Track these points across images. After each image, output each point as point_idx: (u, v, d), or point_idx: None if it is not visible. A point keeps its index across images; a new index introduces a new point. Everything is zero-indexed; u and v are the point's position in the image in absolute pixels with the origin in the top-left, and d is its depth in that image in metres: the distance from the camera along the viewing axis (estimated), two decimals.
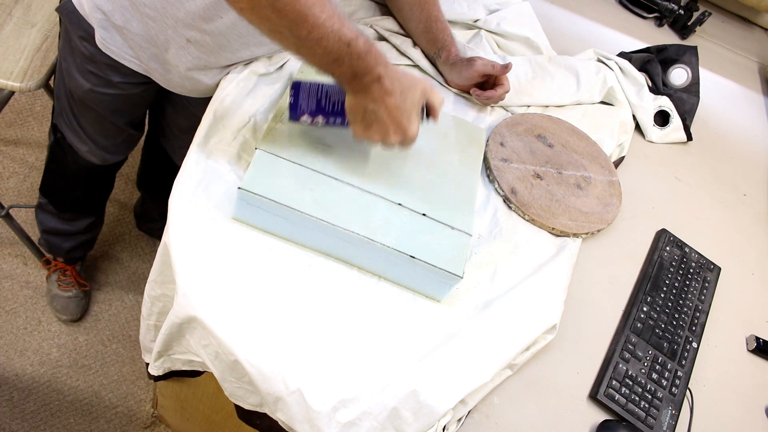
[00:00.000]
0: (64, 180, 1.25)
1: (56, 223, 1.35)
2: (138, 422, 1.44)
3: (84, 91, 0.97)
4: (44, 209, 1.34)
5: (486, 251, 0.84)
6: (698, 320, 0.93)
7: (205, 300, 0.66)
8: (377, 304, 0.73)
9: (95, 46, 0.88)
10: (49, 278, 1.52)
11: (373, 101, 0.69)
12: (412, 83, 0.70)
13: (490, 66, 0.98)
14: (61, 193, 1.29)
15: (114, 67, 0.92)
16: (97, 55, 0.90)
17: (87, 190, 1.29)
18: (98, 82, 0.95)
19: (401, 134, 0.71)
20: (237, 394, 0.71)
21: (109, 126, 1.06)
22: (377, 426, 0.65)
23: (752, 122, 1.42)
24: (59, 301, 1.50)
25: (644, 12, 1.55)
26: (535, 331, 0.77)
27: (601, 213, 0.95)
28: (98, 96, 0.97)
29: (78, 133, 1.07)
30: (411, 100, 0.70)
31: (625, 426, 0.76)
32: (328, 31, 0.63)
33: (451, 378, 0.68)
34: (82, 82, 0.95)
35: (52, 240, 1.40)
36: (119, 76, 0.93)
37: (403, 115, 0.70)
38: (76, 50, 0.92)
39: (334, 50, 0.65)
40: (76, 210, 1.34)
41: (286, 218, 0.71)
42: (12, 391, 1.39)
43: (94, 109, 1.01)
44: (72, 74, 0.96)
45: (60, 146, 1.13)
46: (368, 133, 0.72)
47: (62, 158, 1.17)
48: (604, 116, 1.13)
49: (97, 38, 0.87)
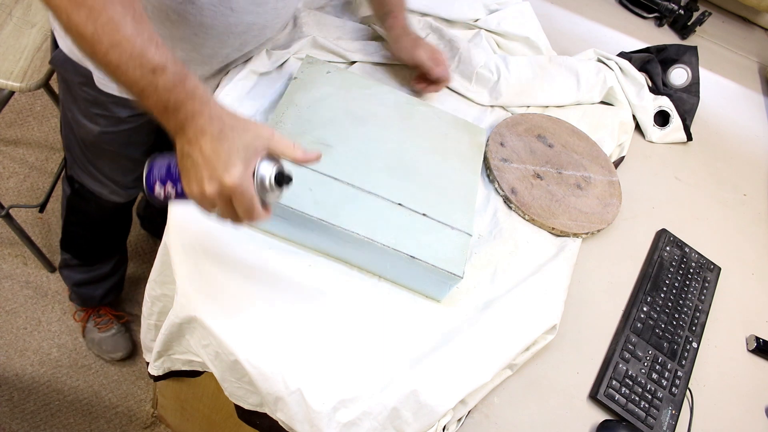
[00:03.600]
0: (88, 228, 1.24)
1: (84, 274, 1.34)
2: (138, 422, 1.44)
3: (95, 135, 0.95)
4: (69, 264, 1.33)
5: (486, 251, 0.84)
6: (698, 320, 0.93)
7: (205, 300, 0.66)
8: (377, 304, 0.73)
9: (96, 88, 0.87)
10: (85, 329, 1.49)
11: (188, 143, 0.56)
12: (242, 125, 0.57)
13: (428, 66, 0.94)
14: (86, 244, 1.28)
15: (119, 103, 0.90)
16: (100, 96, 0.88)
17: (111, 232, 1.29)
18: (107, 122, 0.93)
19: (216, 182, 0.55)
20: (237, 394, 0.71)
21: (126, 162, 1.04)
22: (377, 426, 0.65)
23: (752, 122, 1.42)
24: (107, 343, 1.47)
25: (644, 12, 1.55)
26: (535, 331, 0.77)
27: (601, 213, 0.95)
28: (110, 136, 0.96)
29: (97, 177, 1.06)
30: (233, 142, 0.56)
31: (625, 426, 0.76)
32: (127, 53, 0.53)
33: (451, 378, 0.68)
34: (92, 127, 0.94)
35: (83, 292, 1.40)
36: (126, 110, 0.92)
37: (219, 159, 0.55)
38: (79, 97, 0.91)
39: (138, 77, 0.54)
40: (102, 256, 1.33)
41: (286, 218, 0.71)
42: (12, 391, 1.39)
43: (109, 149, 1.00)
44: (79, 121, 0.95)
45: (80, 196, 1.12)
46: (188, 184, 0.57)
47: (84, 207, 1.16)
48: (604, 116, 1.13)
49: (95, 79, 0.86)
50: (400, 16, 0.97)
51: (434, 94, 1.03)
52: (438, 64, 0.96)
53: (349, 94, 0.87)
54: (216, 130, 0.56)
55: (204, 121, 0.56)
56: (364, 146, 0.81)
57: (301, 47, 0.95)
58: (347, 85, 0.88)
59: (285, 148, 0.59)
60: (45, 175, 1.73)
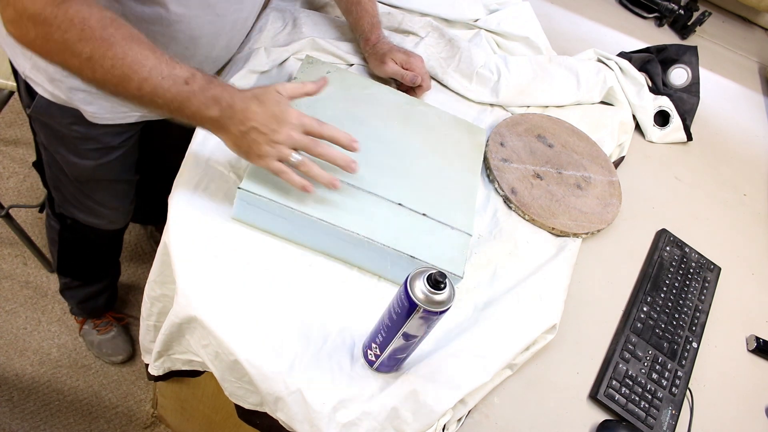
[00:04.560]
0: (84, 257, 1.24)
1: (85, 292, 1.36)
2: (138, 422, 1.44)
3: (90, 170, 0.95)
4: (69, 287, 1.35)
5: (486, 251, 0.84)
6: (698, 320, 0.93)
7: (205, 300, 0.66)
8: (377, 304, 0.73)
9: (87, 123, 0.86)
10: (82, 330, 1.49)
11: (241, 121, 0.65)
12: (262, 90, 0.67)
13: (400, 74, 0.95)
14: (84, 267, 1.29)
15: (110, 132, 0.90)
16: (92, 130, 0.88)
17: (107, 254, 1.30)
18: (100, 154, 0.93)
19: (286, 125, 0.65)
20: (237, 393, 0.71)
21: (123, 186, 1.05)
22: (377, 426, 0.65)
23: (752, 122, 1.42)
24: (107, 345, 1.48)
25: (644, 12, 1.55)
26: (535, 331, 0.77)
27: (601, 213, 0.95)
28: (106, 167, 0.96)
29: (94, 209, 1.05)
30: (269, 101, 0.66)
31: (625, 426, 0.76)
32: (158, 78, 0.61)
33: (450, 378, 0.68)
34: (86, 163, 0.94)
35: (87, 306, 1.41)
36: (118, 137, 0.92)
37: (274, 113, 0.65)
38: (68, 138, 0.90)
39: (175, 93, 0.62)
40: (101, 273, 1.35)
41: (286, 218, 0.71)
42: (12, 391, 1.39)
43: (105, 179, 0.99)
44: (71, 161, 0.94)
45: (74, 230, 1.12)
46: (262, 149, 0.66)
47: (79, 238, 1.16)
48: (604, 116, 1.13)
49: (87, 116, 0.85)
50: (372, 38, 0.97)
51: (434, 94, 1.03)
52: (410, 69, 0.95)
53: (349, 94, 0.87)
54: (253, 100, 0.65)
55: (242, 98, 0.65)
56: (364, 146, 0.81)
57: (300, 47, 0.95)
58: (347, 85, 0.88)
59: (295, 90, 0.69)
60: None
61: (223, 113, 0.64)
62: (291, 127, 0.66)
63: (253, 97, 0.65)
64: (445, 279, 0.57)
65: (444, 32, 1.08)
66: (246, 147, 0.66)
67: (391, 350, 0.63)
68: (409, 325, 0.59)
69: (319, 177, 0.68)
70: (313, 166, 0.68)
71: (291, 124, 0.66)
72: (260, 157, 0.66)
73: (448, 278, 0.57)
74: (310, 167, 0.68)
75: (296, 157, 0.67)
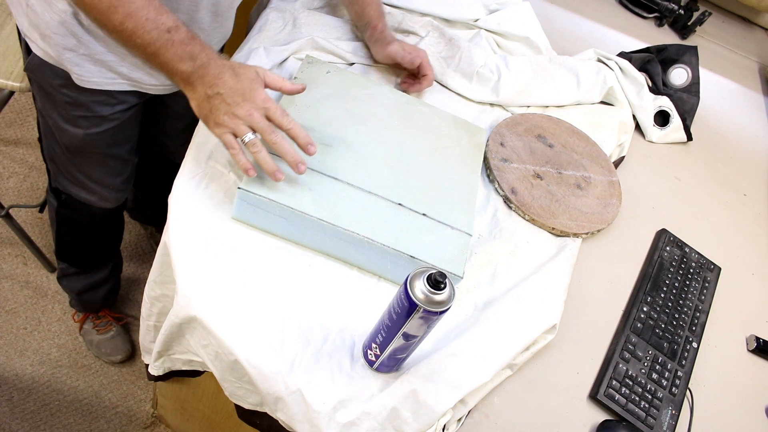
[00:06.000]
0: (81, 237, 1.23)
1: (83, 281, 1.35)
2: (138, 422, 1.44)
3: (80, 139, 0.95)
4: (67, 273, 1.34)
5: (486, 251, 0.84)
6: (698, 320, 0.93)
7: (205, 300, 0.66)
8: (377, 304, 0.73)
9: (76, 88, 0.86)
10: (82, 330, 1.49)
11: (210, 84, 0.66)
12: (244, 66, 0.68)
13: (401, 55, 0.96)
14: (82, 251, 1.28)
15: (101, 101, 0.90)
16: (81, 95, 0.88)
17: (105, 238, 1.29)
18: (90, 123, 0.92)
19: (250, 102, 0.66)
20: (237, 393, 0.71)
21: (114, 163, 1.04)
22: (377, 426, 0.65)
23: (752, 122, 1.42)
24: (106, 345, 1.47)
25: (644, 12, 1.55)
26: (535, 331, 0.77)
27: (601, 213, 0.95)
28: (95, 137, 0.95)
29: (85, 185, 1.05)
30: (246, 76, 0.67)
31: (625, 426, 0.76)
32: (143, 19, 0.62)
33: (450, 378, 0.68)
34: (75, 131, 0.93)
35: (85, 298, 1.40)
36: (108, 107, 0.91)
37: (244, 86, 0.66)
38: (58, 101, 0.90)
39: (155, 38, 0.63)
40: (99, 261, 1.33)
41: (286, 218, 0.71)
42: (12, 391, 1.39)
43: (95, 152, 0.99)
44: (62, 127, 0.94)
45: (69, 206, 1.12)
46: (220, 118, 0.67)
47: (74, 216, 1.15)
48: (604, 116, 1.13)
49: (74, 78, 0.85)
50: (379, 25, 0.98)
51: (434, 94, 1.03)
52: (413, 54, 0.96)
53: (349, 94, 0.87)
54: (230, 69, 0.66)
55: (220, 64, 0.66)
56: (364, 146, 0.81)
57: (300, 47, 0.95)
58: (347, 85, 0.88)
59: (275, 81, 0.71)
60: (45, 175, 1.72)
61: (195, 71, 0.66)
62: (255, 106, 0.67)
63: (230, 68, 0.67)
64: (445, 279, 0.57)
65: (444, 32, 1.08)
66: (206, 111, 0.67)
67: (391, 350, 0.63)
68: (409, 325, 0.59)
69: (264, 162, 0.68)
70: (262, 150, 0.68)
71: (255, 104, 0.67)
72: (217, 125, 0.67)
73: (448, 278, 0.57)
74: (259, 150, 0.68)
75: (250, 136, 0.67)
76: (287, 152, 0.69)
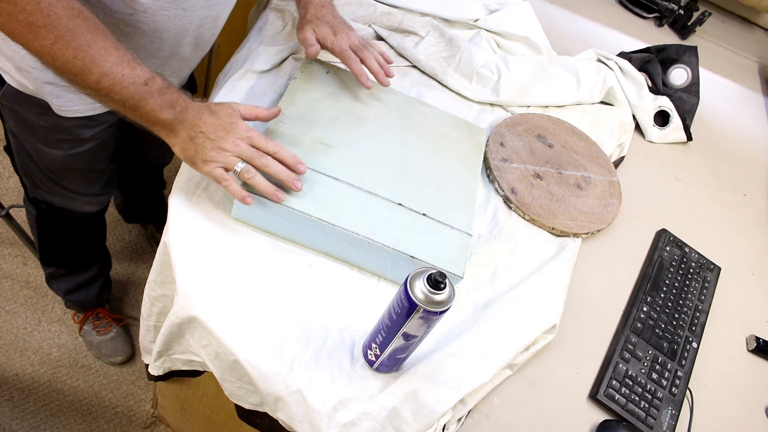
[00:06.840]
0: (64, 241, 1.23)
1: (73, 282, 1.34)
2: (138, 422, 1.44)
3: (60, 159, 0.94)
4: (55, 276, 1.33)
5: (486, 251, 0.84)
6: (698, 320, 0.93)
7: (205, 300, 0.66)
8: (377, 304, 0.73)
9: (55, 115, 0.86)
10: (82, 331, 1.48)
11: (192, 126, 0.66)
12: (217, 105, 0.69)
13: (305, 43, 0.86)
14: (65, 254, 1.27)
15: (82, 125, 0.90)
16: (62, 121, 0.87)
17: (88, 239, 1.28)
18: (71, 145, 0.92)
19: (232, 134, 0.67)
20: (237, 393, 0.71)
21: (93, 175, 1.04)
22: (377, 426, 0.65)
23: (752, 122, 1.42)
24: (106, 347, 1.47)
25: (644, 12, 1.55)
26: (535, 331, 0.77)
27: (601, 213, 0.95)
28: (76, 157, 0.95)
29: (65, 194, 1.05)
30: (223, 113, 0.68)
31: (625, 426, 0.76)
32: (119, 75, 0.62)
33: (450, 378, 0.68)
34: (55, 153, 0.93)
35: (77, 298, 1.40)
36: (89, 129, 0.91)
37: (224, 123, 0.67)
38: (36, 127, 0.89)
39: (133, 92, 0.64)
40: (86, 261, 1.33)
41: (286, 218, 0.71)
42: (12, 391, 1.39)
43: (76, 168, 0.99)
44: (40, 150, 0.93)
45: (49, 214, 1.11)
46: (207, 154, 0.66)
47: (55, 224, 1.15)
48: (604, 116, 1.13)
49: (55, 108, 0.85)
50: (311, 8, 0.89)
51: (434, 94, 1.03)
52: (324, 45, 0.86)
53: (349, 94, 0.87)
54: (207, 109, 0.68)
55: (197, 106, 0.67)
56: (364, 146, 0.81)
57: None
58: (347, 85, 0.88)
59: (249, 111, 0.71)
60: None
61: (176, 117, 0.66)
62: (239, 136, 0.67)
63: (207, 108, 0.68)
64: (445, 279, 0.57)
65: (444, 32, 1.08)
66: (192, 151, 0.67)
67: (391, 350, 0.63)
68: (409, 325, 0.59)
69: (261, 186, 0.68)
70: (256, 175, 0.68)
71: (239, 135, 0.67)
72: (205, 162, 0.67)
73: (448, 278, 0.57)
74: (254, 176, 0.67)
75: (241, 165, 0.67)
76: (280, 172, 0.69)
